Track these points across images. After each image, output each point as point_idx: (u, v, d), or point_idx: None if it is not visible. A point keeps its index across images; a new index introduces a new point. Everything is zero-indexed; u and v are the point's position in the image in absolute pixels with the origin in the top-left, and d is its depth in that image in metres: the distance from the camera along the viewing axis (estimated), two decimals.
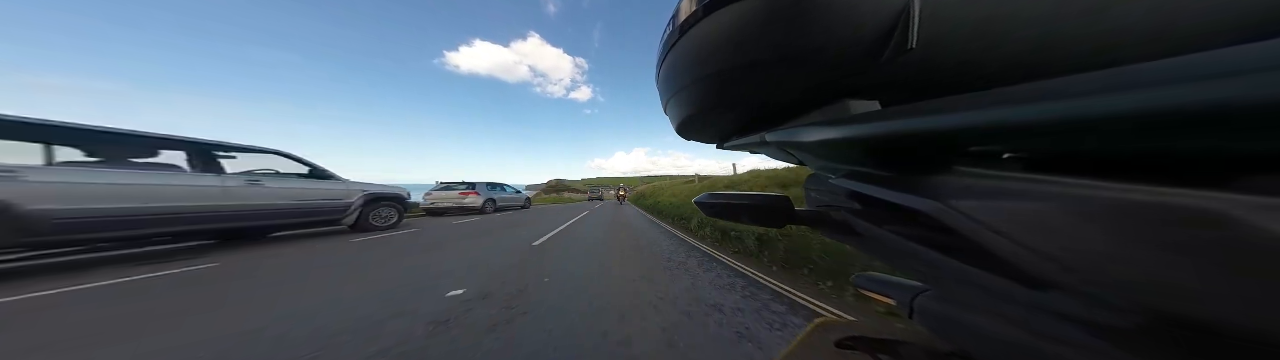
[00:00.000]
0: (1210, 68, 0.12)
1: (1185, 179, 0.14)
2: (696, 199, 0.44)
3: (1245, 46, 0.12)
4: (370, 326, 1.67)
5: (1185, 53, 0.14)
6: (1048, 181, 0.18)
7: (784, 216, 0.39)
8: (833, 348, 0.42)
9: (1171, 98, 0.12)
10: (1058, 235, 0.17)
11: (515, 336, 1.54)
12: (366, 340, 1.52)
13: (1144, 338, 0.17)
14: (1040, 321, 0.21)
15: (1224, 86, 0.11)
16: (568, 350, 1.42)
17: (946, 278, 0.28)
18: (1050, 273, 0.18)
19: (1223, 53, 0.13)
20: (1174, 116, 0.12)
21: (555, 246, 4.04)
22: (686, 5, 0.30)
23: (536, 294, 2.16)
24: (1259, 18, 0.19)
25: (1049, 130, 0.16)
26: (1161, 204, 0.14)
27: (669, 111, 0.44)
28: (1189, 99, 0.12)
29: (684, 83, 0.35)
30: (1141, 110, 0.13)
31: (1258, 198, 0.12)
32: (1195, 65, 0.13)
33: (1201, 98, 0.12)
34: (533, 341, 1.49)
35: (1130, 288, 0.16)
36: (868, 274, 0.50)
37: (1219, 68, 0.12)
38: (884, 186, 0.28)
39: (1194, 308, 0.14)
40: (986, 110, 0.18)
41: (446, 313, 1.84)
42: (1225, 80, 0.11)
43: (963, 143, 0.21)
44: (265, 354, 1.42)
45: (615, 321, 1.71)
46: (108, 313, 1.91)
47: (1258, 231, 0.12)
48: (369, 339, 1.53)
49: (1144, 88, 0.13)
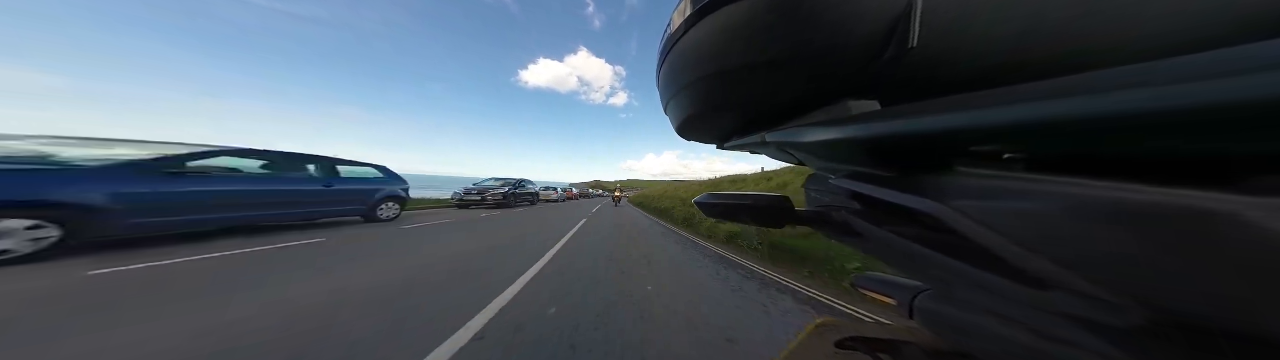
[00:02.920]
0: (1211, 68, 0.12)
1: (1186, 179, 0.14)
2: (697, 199, 0.44)
3: (1245, 47, 0.12)
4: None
5: (1185, 53, 0.14)
6: (1048, 181, 0.17)
7: (784, 216, 0.39)
8: (832, 348, 0.42)
9: (1172, 97, 0.12)
10: (1057, 235, 0.17)
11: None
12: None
13: (1144, 337, 0.17)
14: (1040, 321, 0.21)
15: (1225, 86, 0.11)
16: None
17: (946, 278, 0.27)
18: (1050, 272, 0.18)
19: (1223, 53, 0.13)
20: (1175, 116, 0.12)
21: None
22: (686, 5, 0.30)
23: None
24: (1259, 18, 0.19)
25: (1049, 130, 0.16)
26: (1162, 204, 0.14)
27: (669, 112, 0.44)
28: (1190, 99, 0.12)
29: (684, 83, 0.35)
30: (1142, 110, 0.13)
31: (1258, 198, 0.12)
32: (1195, 65, 0.13)
33: (1202, 98, 0.12)
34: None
35: (1130, 287, 0.16)
36: (868, 274, 0.50)
37: (1219, 68, 0.12)
38: (884, 186, 0.28)
39: (1194, 307, 0.14)
40: (987, 110, 0.18)
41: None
42: (1226, 80, 0.11)
43: (963, 143, 0.21)
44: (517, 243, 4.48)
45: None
46: (369, 248, 3.83)
47: (1258, 231, 0.11)
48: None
49: (1144, 87, 0.13)
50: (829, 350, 0.42)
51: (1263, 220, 0.11)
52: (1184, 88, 0.12)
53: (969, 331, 0.27)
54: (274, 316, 1.83)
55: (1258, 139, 0.12)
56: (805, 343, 0.45)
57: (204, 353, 1.45)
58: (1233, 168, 0.13)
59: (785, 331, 1.92)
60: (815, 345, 0.44)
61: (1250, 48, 0.12)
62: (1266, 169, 0.13)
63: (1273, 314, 0.12)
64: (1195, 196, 0.13)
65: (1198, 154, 0.14)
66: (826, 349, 0.42)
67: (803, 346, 0.44)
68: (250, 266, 2.82)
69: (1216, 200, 0.12)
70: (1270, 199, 0.12)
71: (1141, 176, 0.15)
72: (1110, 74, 0.15)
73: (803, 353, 0.43)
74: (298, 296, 2.15)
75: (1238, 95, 0.11)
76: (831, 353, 0.42)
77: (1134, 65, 0.15)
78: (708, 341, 1.74)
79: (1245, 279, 0.12)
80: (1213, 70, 0.12)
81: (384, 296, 2.21)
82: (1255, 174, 0.13)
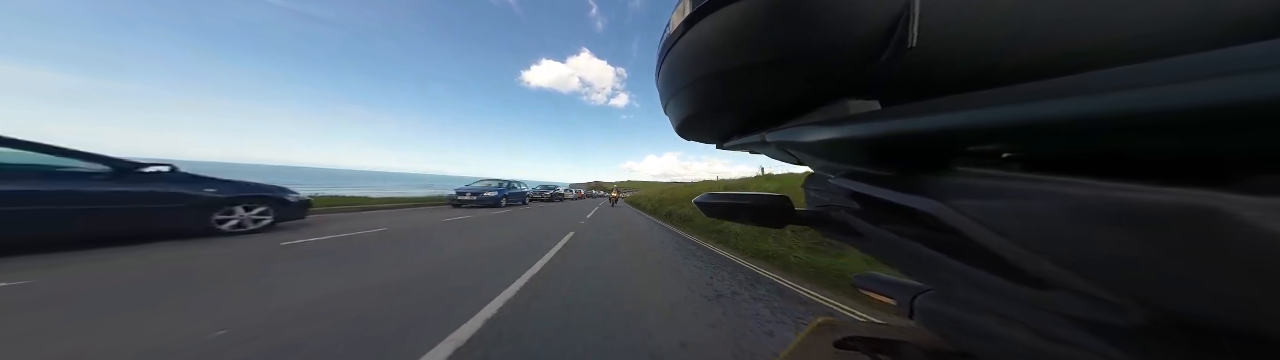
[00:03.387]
0: (1210, 68, 0.12)
1: (1185, 179, 0.14)
2: (697, 199, 0.43)
3: (1245, 46, 0.12)
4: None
5: (1182, 53, 0.14)
6: (1047, 181, 0.17)
7: (784, 216, 0.39)
8: (832, 348, 0.42)
9: (1170, 98, 0.12)
10: (1057, 235, 0.17)
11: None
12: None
13: (1144, 337, 0.17)
14: (1040, 321, 0.21)
15: (1224, 86, 0.11)
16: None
17: (946, 278, 0.27)
18: (1050, 272, 0.18)
19: (1223, 53, 0.13)
20: (1172, 116, 0.12)
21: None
22: (685, 6, 0.30)
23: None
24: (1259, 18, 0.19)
25: (1048, 130, 0.16)
26: (1161, 204, 0.14)
27: (669, 112, 0.44)
28: (1187, 99, 0.12)
29: (683, 83, 0.35)
30: (1140, 110, 0.13)
31: (1258, 198, 0.12)
32: (1195, 65, 0.13)
33: (1200, 97, 0.12)
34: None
35: (1130, 287, 0.16)
36: (868, 274, 0.50)
37: (1219, 67, 0.12)
38: (884, 186, 0.28)
39: (1194, 307, 0.14)
40: (986, 110, 0.18)
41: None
42: (1226, 80, 0.11)
43: (963, 143, 0.21)
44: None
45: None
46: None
47: (1258, 231, 0.11)
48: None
49: (1144, 87, 0.13)
50: (829, 350, 0.42)
51: (1262, 220, 0.11)
52: (1181, 88, 0.12)
53: (969, 331, 0.27)
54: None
55: (1255, 138, 0.12)
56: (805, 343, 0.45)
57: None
58: (1232, 167, 0.13)
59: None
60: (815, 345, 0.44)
61: (1249, 48, 0.12)
62: (1265, 169, 0.13)
63: (1273, 314, 0.12)
64: (1194, 196, 0.13)
65: (1196, 154, 0.14)
66: (826, 349, 0.42)
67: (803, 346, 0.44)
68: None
69: (1216, 200, 0.12)
70: (1270, 199, 0.12)
71: (1140, 176, 0.15)
72: (1108, 74, 0.15)
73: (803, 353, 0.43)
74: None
75: (1235, 95, 0.11)
76: (831, 353, 0.42)
77: (1132, 65, 0.15)
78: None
79: (1245, 279, 0.12)
80: (1211, 70, 0.12)
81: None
82: (1254, 174, 0.13)
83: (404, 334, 1.70)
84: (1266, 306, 0.12)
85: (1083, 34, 0.22)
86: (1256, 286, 0.12)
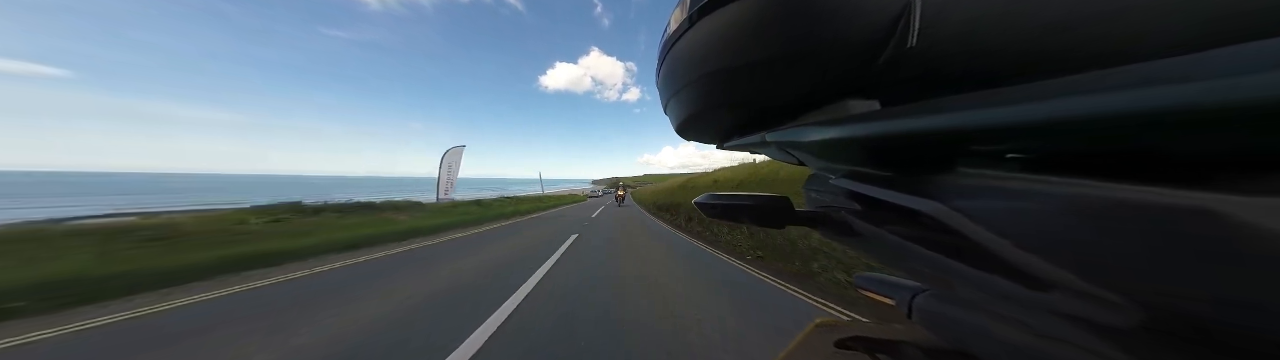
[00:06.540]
0: (1212, 67, 0.12)
1: (1186, 179, 0.14)
2: (697, 200, 0.43)
3: (1246, 45, 0.12)
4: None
5: (1186, 52, 0.14)
6: (1048, 182, 0.17)
7: (784, 217, 0.39)
8: (832, 348, 0.42)
9: (1174, 97, 0.12)
10: (1058, 235, 0.17)
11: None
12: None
13: (1144, 338, 0.17)
14: (1040, 321, 0.21)
15: (1226, 86, 0.11)
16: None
17: (946, 278, 0.27)
18: (1050, 272, 0.18)
19: (1224, 52, 0.12)
20: (1174, 116, 0.12)
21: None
22: (685, 5, 0.29)
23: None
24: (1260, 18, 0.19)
25: (1050, 130, 0.16)
26: (1162, 204, 0.14)
27: (669, 111, 0.44)
28: (1190, 98, 0.12)
29: (683, 83, 0.34)
30: (1142, 110, 0.13)
31: (1259, 198, 0.12)
32: (1197, 64, 0.13)
33: (1202, 97, 0.11)
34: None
35: (1130, 288, 0.16)
36: (868, 274, 0.49)
37: (1221, 67, 0.12)
38: (884, 187, 0.27)
39: (1194, 307, 0.14)
40: (987, 110, 0.18)
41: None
42: (1227, 80, 0.11)
43: (963, 143, 0.21)
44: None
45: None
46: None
47: (1258, 232, 0.11)
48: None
49: (1145, 87, 0.13)
50: (828, 350, 0.42)
51: (1262, 220, 0.11)
52: (1182, 87, 0.12)
53: (969, 331, 0.27)
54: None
55: (1259, 139, 0.12)
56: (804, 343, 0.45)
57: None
58: (1232, 168, 0.13)
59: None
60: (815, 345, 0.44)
61: (1250, 47, 0.12)
62: (1266, 169, 0.13)
63: (1273, 314, 0.12)
64: (1195, 197, 0.13)
65: (1197, 154, 0.14)
66: (826, 349, 0.42)
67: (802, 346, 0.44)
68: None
69: (1216, 201, 0.12)
70: (1270, 199, 0.12)
71: (1142, 177, 0.15)
72: (1111, 73, 0.15)
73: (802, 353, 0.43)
74: None
75: (1237, 95, 0.11)
76: (831, 353, 0.42)
77: (1135, 65, 0.14)
78: None
79: (1245, 279, 0.12)
80: (1212, 70, 0.12)
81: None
82: (1256, 174, 0.13)
83: (593, 209, 18.33)
84: (1266, 307, 0.12)
85: (1082, 33, 0.21)
86: (1256, 287, 0.12)
